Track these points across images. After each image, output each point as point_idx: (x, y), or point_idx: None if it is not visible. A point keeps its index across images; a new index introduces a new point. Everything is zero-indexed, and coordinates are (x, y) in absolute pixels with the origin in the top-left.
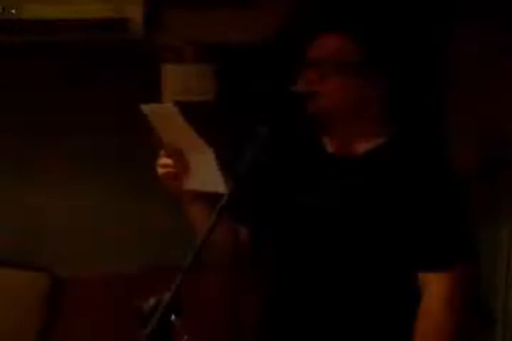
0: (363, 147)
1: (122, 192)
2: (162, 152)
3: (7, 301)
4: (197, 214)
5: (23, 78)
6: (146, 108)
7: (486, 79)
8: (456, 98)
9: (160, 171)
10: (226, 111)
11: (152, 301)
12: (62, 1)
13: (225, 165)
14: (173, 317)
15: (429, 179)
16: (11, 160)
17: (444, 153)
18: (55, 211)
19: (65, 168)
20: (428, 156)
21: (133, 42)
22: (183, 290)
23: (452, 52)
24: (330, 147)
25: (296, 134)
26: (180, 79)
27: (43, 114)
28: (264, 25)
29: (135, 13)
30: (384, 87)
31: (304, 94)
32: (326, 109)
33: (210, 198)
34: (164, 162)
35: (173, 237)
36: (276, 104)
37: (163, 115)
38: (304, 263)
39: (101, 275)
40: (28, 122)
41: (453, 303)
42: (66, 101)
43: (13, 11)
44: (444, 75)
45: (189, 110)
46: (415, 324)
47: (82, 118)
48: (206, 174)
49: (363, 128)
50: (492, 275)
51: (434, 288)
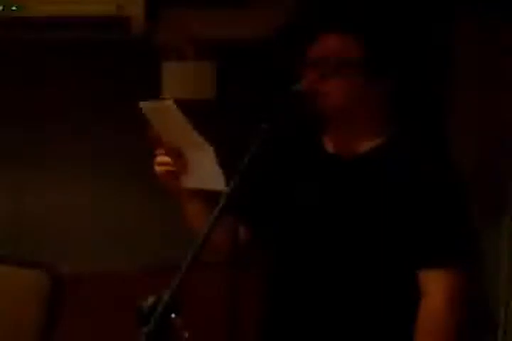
0: (363, 147)
1: (122, 191)
2: (160, 150)
3: (6, 301)
4: (195, 213)
5: (23, 77)
6: (144, 105)
7: (486, 79)
8: (456, 98)
9: (158, 169)
10: (226, 109)
11: (152, 300)
12: None
13: (225, 164)
14: (172, 316)
15: (429, 178)
16: (11, 160)
17: (444, 153)
18: (55, 211)
19: (65, 167)
20: (428, 156)
21: (134, 40)
22: (182, 289)
23: (452, 52)
24: (330, 147)
25: (296, 134)
26: (181, 78)
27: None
28: (264, 25)
29: (136, 11)
30: (384, 87)
31: (304, 93)
32: (326, 109)
33: (207, 196)
34: (162, 160)
35: (173, 237)
36: (277, 103)
37: (162, 112)
38: (304, 262)
39: (101, 275)
40: (28, 121)
41: (454, 302)
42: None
43: (13, 9)
44: (444, 75)
45: (189, 108)
46: (416, 323)
47: (82, 117)
48: (206, 172)
49: (363, 128)
50: (495, 275)
51: (435, 286)
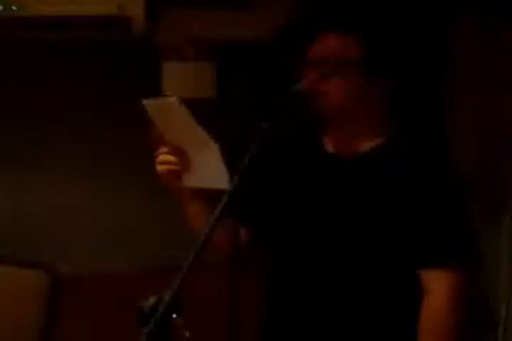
0: (363, 147)
1: (122, 192)
2: (161, 149)
3: (6, 301)
4: (196, 213)
5: (23, 77)
6: (148, 103)
7: (486, 79)
8: (456, 98)
9: (160, 169)
10: (226, 109)
11: (152, 300)
12: None
13: (225, 163)
14: (173, 316)
15: (429, 178)
16: (11, 160)
17: (444, 153)
18: (55, 211)
19: (65, 167)
20: (428, 156)
21: (134, 40)
22: (183, 289)
23: (452, 52)
24: (330, 147)
25: (296, 134)
26: (181, 78)
27: (42, 113)
28: (264, 25)
29: (136, 11)
30: (384, 87)
31: (304, 93)
32: (326, 109)
33: (209, 196)
34: (165, 159)
35: (173, 237)
36: (277, 103)
37: (166, 109)
38: (305, 263)
39: (101, 275)
40: (28, 121)
41: (454, 302)
42: (66, 100)
43: (13, 9)
44: (444, 75)
45: (189, 108)
46: (419, 323)
47: (82, 117)
48: (210, 170)
49: (363, 128)
50: (495, 275)
51: (436, 286)
